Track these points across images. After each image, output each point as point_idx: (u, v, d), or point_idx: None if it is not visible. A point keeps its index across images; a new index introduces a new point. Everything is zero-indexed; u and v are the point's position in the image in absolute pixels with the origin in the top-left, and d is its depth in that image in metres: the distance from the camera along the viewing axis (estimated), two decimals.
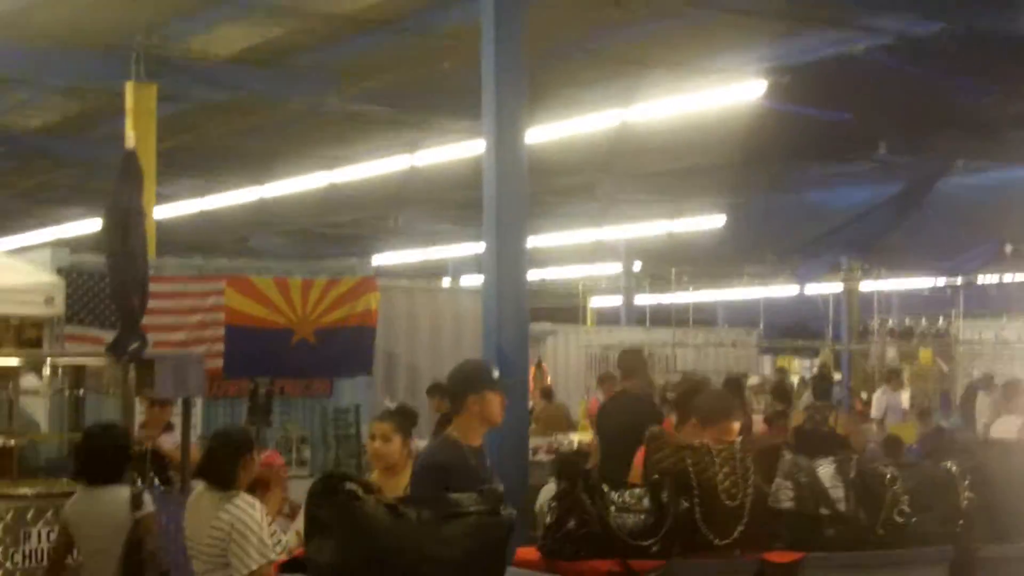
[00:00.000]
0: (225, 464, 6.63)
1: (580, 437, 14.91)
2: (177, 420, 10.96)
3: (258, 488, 7.05)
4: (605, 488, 4.77)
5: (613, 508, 4.70)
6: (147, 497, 7.14)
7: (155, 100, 16.92)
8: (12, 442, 9.57)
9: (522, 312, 12.73)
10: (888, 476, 5.06)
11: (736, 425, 5.78)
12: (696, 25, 15.04)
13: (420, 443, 10.24)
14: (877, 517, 5.01)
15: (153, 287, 10.37)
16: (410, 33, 15.49)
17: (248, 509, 6.49)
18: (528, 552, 4.84)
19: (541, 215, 21.61)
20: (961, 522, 5.19)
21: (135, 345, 9.24)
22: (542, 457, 14.12)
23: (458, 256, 28.69)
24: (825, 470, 5.04)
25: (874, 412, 18.78)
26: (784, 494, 4.93)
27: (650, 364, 21.58)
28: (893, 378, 19.45)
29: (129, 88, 16.80)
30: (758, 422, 12.10)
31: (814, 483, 4.99)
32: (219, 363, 12.91)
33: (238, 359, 13.09)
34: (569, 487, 4.79)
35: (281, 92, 18.22)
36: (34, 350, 11.21)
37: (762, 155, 19.02)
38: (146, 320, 11.66)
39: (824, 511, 4.94)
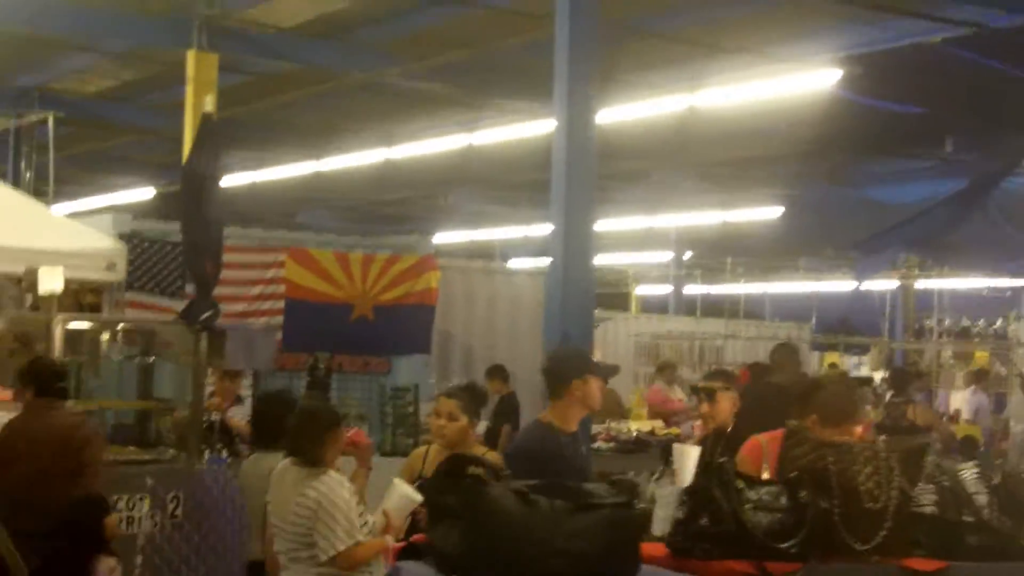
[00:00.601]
0: (312, 440, 6.40)
1: (636, 425, 14.67)
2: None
3: None
4: (740, 484, 4.51)
5: (749, 505, 4.44)
6: None
7: (216, 70, 16.75)
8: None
9: (588, 296, 12.56)
10: None
11: (859, 428, 5.50)
12: (772, 9, 14.78)
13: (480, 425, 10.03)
14: (1022, 526, 4.75)
15: None
16: (475, 8, 15.27)
17: (336, 487, 6.26)
18: (656, 548, 4.59)
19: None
20: None
21: (208, 314, 9.05)
22: (600, 444, 13.90)
23: (506, 238, 28.40)
24: (968, 475, 4.78)
25: (966, 413, 18.49)
26: (926, 498, 4.67)
27: (699, 356, 21.36)
28: (982, 378, 19.14)
29: (191, 57, 16.64)
30: None
31: (957, 488, 4.73)
32: (278, 335, 12.71)
33: (297, 332, 12.91)
34: (702, 481, 4.53)
35: (341, 65, 18.06)
36: (106, 315, 11.01)
37: (827, 146, 18.72)
38: None
39: (968, 518, 4.68)
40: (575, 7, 12.45)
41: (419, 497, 6.22)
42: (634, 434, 14.14)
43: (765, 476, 5.32)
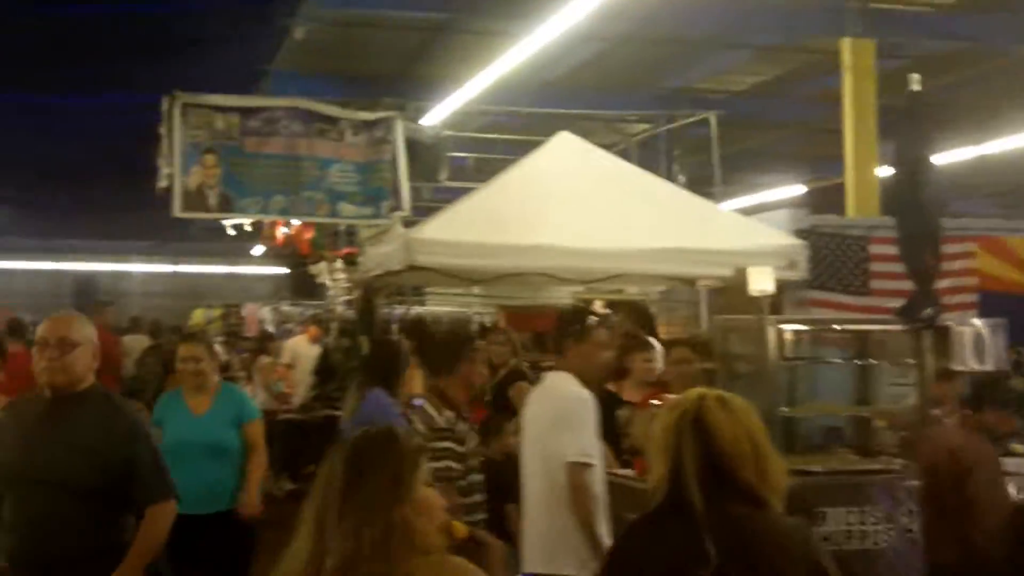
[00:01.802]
0: None
1: None
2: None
3: None
4: None
5: None
6: None
7: (873, 56, 16.05)
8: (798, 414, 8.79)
9: None
10: None
11: None
12: None
13: None
14: None
15: (891, 249, 9.35)
16: None
17: None
18: None
19: None
20: None
21: (929, 310, 8.20)
22: None
23: None
24: None
25: None
26: None
27: None
28: None
29: (846, 45, 16.06)
30: None
31: None
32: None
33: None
34: None
35: (1007, 41, 16.85)
36: (821, 316, 10.48)
37: None
38: (889, 284, 10.67)
39: None
40: None
41: None
42: None
43: None
